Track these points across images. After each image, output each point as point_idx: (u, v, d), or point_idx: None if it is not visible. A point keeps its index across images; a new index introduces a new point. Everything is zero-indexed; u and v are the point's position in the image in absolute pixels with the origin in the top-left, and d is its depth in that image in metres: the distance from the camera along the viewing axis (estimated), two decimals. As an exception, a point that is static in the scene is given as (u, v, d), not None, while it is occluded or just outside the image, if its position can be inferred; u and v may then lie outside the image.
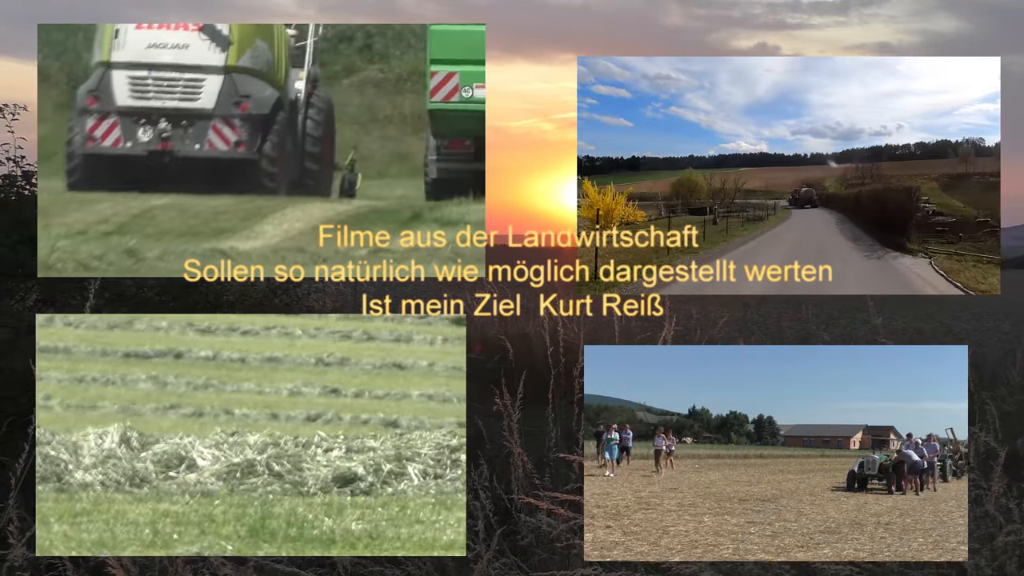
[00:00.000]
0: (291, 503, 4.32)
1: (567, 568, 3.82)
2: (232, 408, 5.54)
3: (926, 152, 6.66)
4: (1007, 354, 9.76)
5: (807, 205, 8.23)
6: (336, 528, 4.10)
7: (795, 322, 13.69)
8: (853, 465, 5.85)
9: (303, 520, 4.15)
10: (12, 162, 7.66)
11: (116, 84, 9.10)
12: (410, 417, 5.42)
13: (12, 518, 3.76)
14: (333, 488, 4.45)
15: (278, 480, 4.50)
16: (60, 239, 7.15)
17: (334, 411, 5.50)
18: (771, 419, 8.32)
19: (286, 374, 6.21)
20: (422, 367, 6.28)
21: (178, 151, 9.05)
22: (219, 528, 4.08)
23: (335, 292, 10.32)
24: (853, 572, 3.72)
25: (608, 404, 6.26)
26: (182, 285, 7.52)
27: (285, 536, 4.02)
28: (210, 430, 4.96)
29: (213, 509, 4.24)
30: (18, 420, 5.18)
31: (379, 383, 6.03)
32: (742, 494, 5.51)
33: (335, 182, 10.10)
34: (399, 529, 4.12)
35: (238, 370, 6.21)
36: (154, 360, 6.25)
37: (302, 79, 9.75)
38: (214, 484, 4.46)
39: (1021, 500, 3.90)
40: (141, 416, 5.38)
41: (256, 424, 5.28)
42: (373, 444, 4.79)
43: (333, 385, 5.98)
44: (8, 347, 6.46)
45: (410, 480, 4.53)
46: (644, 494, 5.37)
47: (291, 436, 4.85)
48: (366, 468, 4.55)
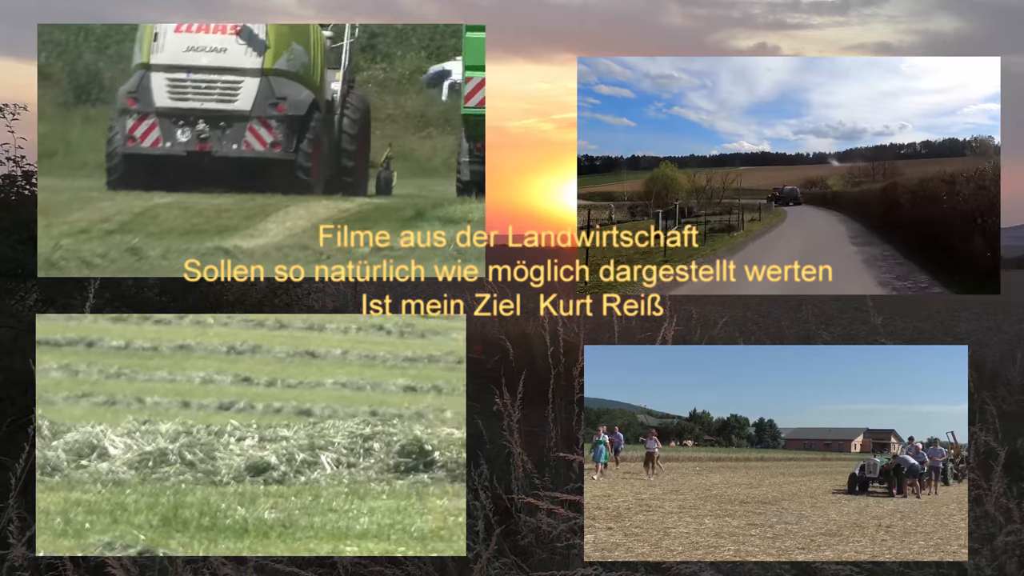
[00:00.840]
0: (204, 492, 4.28)
1: (567, 568, 3.82)
2: (144, 396, 5.51)
3: (933, 151, 6.59)
4: (1007, 354, 9.77)
5: (791, 203, 8.01)
6: (249, 517, 4.04)
7: (795, 322, 13.69)
8: (854, 468, 5.84)
9: (216, 509, 4.10)
10: (12, 162, 7.66)
11: (155, 86, 9.26)
12: (323, 406, 5.41)
13: (12, 518, 3.76)
14: (246, 477, 4.42)
15: (190, 469, 4.47)
16: (63, 237, 7.17)
17: (247, 400, 5.48)
18: (772, 422, 8.32)
19: (198, 362, 6.16)
20: (335, 355, 6.28)
21: (216, 151, 9.21)
22: (131, 517, 4.03)
23: (335, 292, 10.33)
24: (853, 572, 3.71)
25: (609, 407, 6.26)
26: (182, 285, 7.52)
27: (198, 525, 3.97)
28: (122, 419, 4.92)
29: (125, 498, 4.19)
30: (18, 420, 5.19)
31: (291, 372, 6.02)
32: (743, 496, 5.51)
33: (371, 180, 10.21)
34: (312, 518, 4.08)
35: (150, 358, 6.18)
36: (65, 349, 6.23)
37: (338, 80, 9.89)
38: (126, 473, 4.42)
39: (1021, 500, 3.90)
40: (53, 405, 5.35)
41: (168, 413, 5.25)
42: (286, 433, 4.77)
43: (245, 374, 5.95)
44: (8, 347, 6.46)
45: (323, 469, 4.51)
46: (645, 496, 5.37)
47: (203, 425, 4.82)
48: (279, 457, 4.52)
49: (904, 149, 6.77)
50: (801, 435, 8.73)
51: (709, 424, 8.48)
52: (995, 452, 4.12)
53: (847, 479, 5.86)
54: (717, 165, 7.37)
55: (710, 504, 5.16)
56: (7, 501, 3.97)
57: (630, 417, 7.18)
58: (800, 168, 7.75)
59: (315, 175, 9.39)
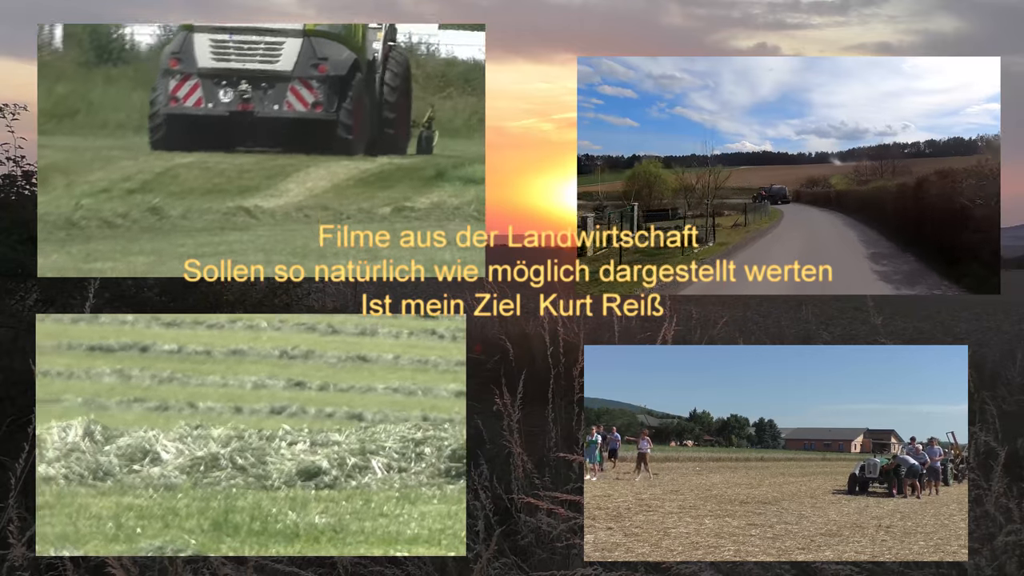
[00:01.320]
0: (255, 497, 4.28)
1: (567, 568, 3.82)
2: (196, 401, 5.52)
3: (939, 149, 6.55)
4: (1007, 354, 9.77)
5: (779, 202, 7.82)
6: (300, 522, 4.05)
7: (795, 322, 13.69)
8: (854, 468, 5.84)
9: (267, 514, 4.10)
10: (12, 162, 7.65)
11: (198, 46, 9.33)
12: (375, 411, 5.40)
13: (12, 518, 3.76)
14: (297, 482, 4.42)
15: (242, 474, 4.47)
16: (84, 197, 7.16)
17: (299, 404, 5.49)
18: (772, 422, 8.32)
19: (250, 367, 6.17)
20: (387, 360, 6.27)
21: (258, 112, 9.29)
22: (182, 522, 4.02)
23: (335, 292, 10.32)
24: (853, 572, 3.71)
25: (609, 407, 6.25)
26: (182, 285, 7.51)
27: (249, 530, 3.97)
28: (174, 424, 4.93)
29: (176, 503, 4.19)
30: (18, 420, 5.19)
31: (343, 376, 6.02)
32: (743, 496, 5.51)
33: (412, 140, 10.25)
34: (363, 523, 4.07)
35: (202, 363, 6.19)
36: (119, 354, 6.23)
37: (379, 40, 9.96)
38: (178, 478, 4.42)
39: (1021, 500, 3.89)
40: (106, 410, 5.36)
41: (220, 418, 5.25)
42: (338, 438, 4.77)
43: (298, 378, 5.97)
44: (8, 347, 6.46)
45: (374, 474, 4.51)
46: (646, 496, 5.37)
47: (255, 429, 4.82)
48: (330, 462, 4.52)
49: (908, 148, 6.75)
50: (801, 435, 8.73)
51: (709, 424, 8.48)
52: (995, 452, 4.12)
53: (847, 479, 5.87)
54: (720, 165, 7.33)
55: (710, 504, 5.15)
56: (7, 501, 3.97)
57: (630, 417, 7.17)
58: (802, 167, 7.72)
59: (357, 135, 9.45)
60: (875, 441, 6.97)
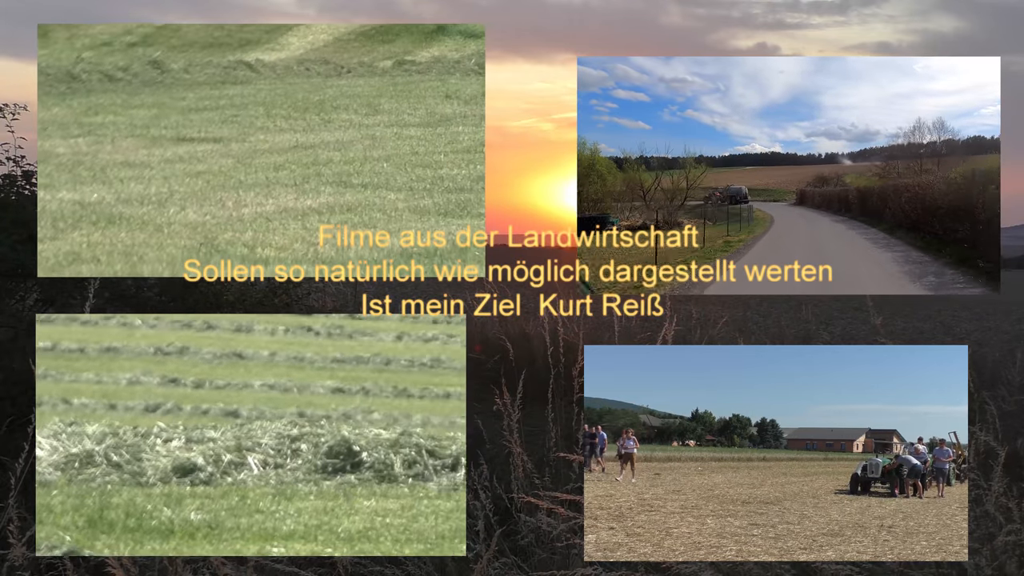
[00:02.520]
0: (130, 493, 4.27)
1: (567, 568, 3.81)
2: (70, 398, 5.49)
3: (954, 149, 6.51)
4: (1007, 354, 9.77)
5: (740, 203, 7.36)
6: (175, 518, 4.05)
7: (795, 322, 13.69)
8: (856, 468, 5.84)
9: (142, 511, 4.10)
10: (12, 162, 7.65)
11: None
12: (250, 407, 5.40)
13: (12, 518, 3.76)
14: (172, 478, 4.41)
15: (117, 470, 4.45)
16: (85, 50, 7.10)
17: (174, 401, 5.47)
18: (774, 422, 8.31)
19: (124, 364, 6.13)
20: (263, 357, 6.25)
21: None
22: (57, 519, 4.02)
23: (335, 292, 10.32)
24: (855, 572, 3.71)
25: (610, 407, 6.24)
26: (182, 285, 7.51)
27: (124, 527, 3.96)
28: (48, 420, 4.90)
29: (51, 500, 4.18)
30: (18, 420, 5.19)
31: (219, 373, 5.99)
32: (745, 496, 5.50)
33: None
34: (239, 519, 4.07)
35: (76, 360, 6.15)
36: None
37: None
38: (52, 474, 4.40)
39: (1021, 500, 3.89)
40: None
41: (94, 414, 5.23)
42: (213, 435, 4.76)
43: (172, 375, 5.95)
44: (8, 347, 6.45)
45: (250, 470, 4.50)
46: (647, 496, 5.36)
47: (130, 426, 4.81)
48: (206, 458, 4.52)
49: (923, 149, 6.74)
50: (803, 435, 8.72)
51: (711, 424, 8.47)
52: (995, 452, 4.12)
53: (849, 479, 5.86)
54: (727, 166, 7.30)
55: (712, 504, 5.15)
56: (7, 501, 3.96)
57: (632, 417, 7.16)
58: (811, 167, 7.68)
59: None
60: (877, 441, 6.96)
